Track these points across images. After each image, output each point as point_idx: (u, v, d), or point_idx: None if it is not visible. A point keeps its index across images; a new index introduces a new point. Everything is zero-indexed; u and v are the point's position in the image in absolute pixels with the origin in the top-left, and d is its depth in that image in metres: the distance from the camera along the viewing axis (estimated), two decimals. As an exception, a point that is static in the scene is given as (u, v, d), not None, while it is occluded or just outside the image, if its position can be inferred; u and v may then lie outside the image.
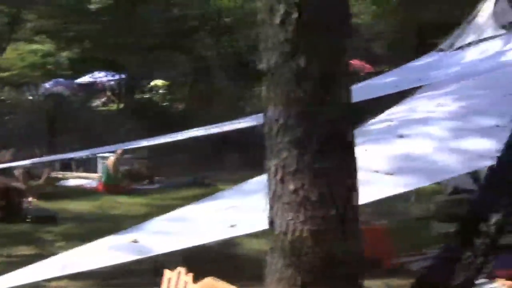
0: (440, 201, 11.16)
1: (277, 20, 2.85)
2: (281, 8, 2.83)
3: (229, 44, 26.23)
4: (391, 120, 6.65)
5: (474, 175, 8.21)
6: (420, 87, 8.13)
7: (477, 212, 3.38)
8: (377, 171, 5.03)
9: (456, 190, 10.67)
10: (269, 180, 2.96)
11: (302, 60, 2.81)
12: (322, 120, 2.81)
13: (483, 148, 5.30)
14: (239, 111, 17.86)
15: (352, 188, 2.93)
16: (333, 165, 2.85)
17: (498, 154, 3.79)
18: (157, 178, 17.66)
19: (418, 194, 11.77)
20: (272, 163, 2.93)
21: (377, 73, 15.46)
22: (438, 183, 10.09)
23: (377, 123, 6.73)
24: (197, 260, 6.24)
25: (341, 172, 2.89)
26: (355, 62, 22.12)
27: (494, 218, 3.22)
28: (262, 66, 2.92)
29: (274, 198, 2.95)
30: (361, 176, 3.03)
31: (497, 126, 5.78)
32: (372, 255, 7.59)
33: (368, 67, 21.90)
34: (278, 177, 2.90)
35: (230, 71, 23.96)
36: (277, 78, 2.86)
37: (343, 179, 2.89)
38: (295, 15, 2.81)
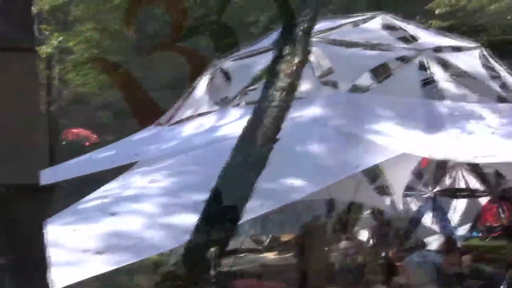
0: (164, 272, 11.26)
1: None
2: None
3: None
4: (105, 197, 6.68)
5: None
6: (136, 162, 8.26)
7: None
8: (86, 251, 5.04)
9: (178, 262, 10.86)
10: None
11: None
12: None
13: (192, 223, 5.50)
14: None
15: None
16: (11, 260, 2.82)
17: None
18: None
19: (142, 266, 11.77)
20: None
21: (103, 143, 15.39)
22: (162, 254, 10.20)
23: (90, 200, 6.73)
24: None
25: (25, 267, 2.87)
26: (82, 132, 21.93)
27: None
28: None
29: None
30: (69, 256, 3.04)
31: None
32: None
33: (94, 137, 21.75)
34: None
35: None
36: None
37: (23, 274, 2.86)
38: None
